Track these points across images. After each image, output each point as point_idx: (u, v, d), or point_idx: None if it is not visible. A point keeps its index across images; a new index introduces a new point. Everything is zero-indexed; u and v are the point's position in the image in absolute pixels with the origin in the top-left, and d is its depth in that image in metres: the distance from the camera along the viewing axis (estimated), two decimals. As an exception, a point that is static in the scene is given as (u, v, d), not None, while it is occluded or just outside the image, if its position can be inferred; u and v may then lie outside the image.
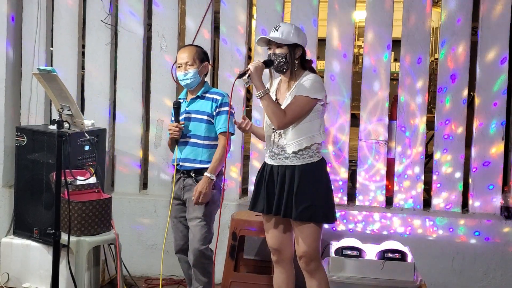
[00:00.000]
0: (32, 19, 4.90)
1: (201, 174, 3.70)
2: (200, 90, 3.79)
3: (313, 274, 3.34)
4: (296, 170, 3.25)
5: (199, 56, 3.75)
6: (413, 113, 4.54)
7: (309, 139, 3.26)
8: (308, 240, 3.28)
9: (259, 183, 3.40)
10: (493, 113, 4.44)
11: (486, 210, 4.48)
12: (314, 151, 3.29)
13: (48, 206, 4.22)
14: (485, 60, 4.43)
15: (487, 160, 4.46)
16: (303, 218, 3.24)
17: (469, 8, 4.43)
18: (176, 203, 3.83)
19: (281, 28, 3.27)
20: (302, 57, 3.33)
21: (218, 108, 3.72)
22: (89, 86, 4.92)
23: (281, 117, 3.18)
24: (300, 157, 3.26)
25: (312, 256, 3.31)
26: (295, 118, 3.22)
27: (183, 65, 3.73)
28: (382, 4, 4.53)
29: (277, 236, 3.43)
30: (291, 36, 3.25)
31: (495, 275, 4.39)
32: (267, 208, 3.35)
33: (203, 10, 4.70)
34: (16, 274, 4.39)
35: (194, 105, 3.78)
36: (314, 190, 3.24)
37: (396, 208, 4.59)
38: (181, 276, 4.64)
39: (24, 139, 4.39)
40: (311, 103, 3.23)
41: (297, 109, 3.21)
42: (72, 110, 3.22)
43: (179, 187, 3.80)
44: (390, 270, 3.87)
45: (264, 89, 3.19)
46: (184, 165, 3.76)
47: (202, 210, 3.68)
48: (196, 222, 3.69)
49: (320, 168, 3.31)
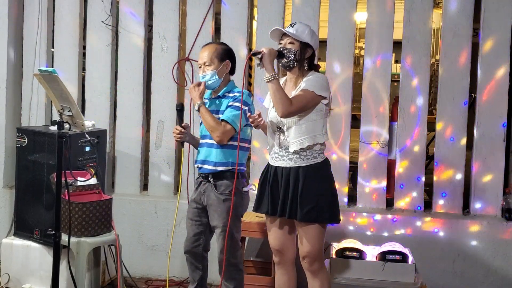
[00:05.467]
0: (33, 20, 4.91)
1: (219, 178, 3.60)
2: (222, 90, 3.67)
3: (316, 275, 3.34)
4: (301, 171, 3.25)
5: (219, 55, 3.61)
6: (414, 114, 4.54)
7: (311, 138, 3.26)
8: (312, 241, 3.28)
9: (263, 184, 3.39)
10: (494, 114, 4.43)
11: (487, 212, 4.48)
12: (317, 151, 3.29)
13: (48, 207, 4.22)
14: (486, 61, 4.43)
15: (488, 162, 4.45)
16: (308, 219, 3.24)
17: (470, 9, 4.43)
18: (194, 206, 3.73)
19: (296, 25, 3.30)
20: (311, 59, 3.33)
21: (231, 102, 3.59)
22: (89, 87, 4.93)
23: (287, 105, 3.15)
24: (304, 158, 3.26)
25: (315, 257, 3.31)
26: (300, 109, 3.20)
27: (202, 66, 3.63)
28: (383, 6, 4.53)
29: (280, 237, 3.43)
30: (305, 35, 3.27)
31: (496, 277, 4.38)
32: (271, 210, 3.34)
33: (204, 11, 4.70)
34: (17, 274, 4.39)
35: (213, 105, 3.68)
36: (319, 190, 3.24)
37: (396, 209, 4.59)
38: (182, 277, 4.64)
39: (25, 140, 4.39)
40: (316, 99, 3.23)
41: (304, 100, 3.20)
42: (72, 111, 3.22)
43: (200, 191, 3.71)
44: (390, 271, 3.86)
45: (274, 73, 3.19)
46: (203, 167, 3.67)
47: (221, 220, 3.59)
48: (217, 231, 3.63)
49: (324, 168, 3.31)
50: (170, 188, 4.83)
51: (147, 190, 4.93)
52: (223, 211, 3.58)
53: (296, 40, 3.27)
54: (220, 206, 3.59)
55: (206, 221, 3.72)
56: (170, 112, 4.76)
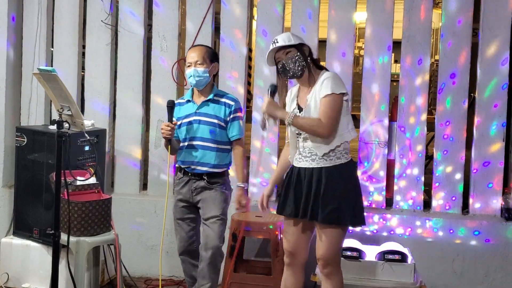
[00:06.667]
0: (33, 19, 4.90)
1: (213, 177, 3.72)
2: (211, 93, 3.75)
3: (329, 278, 3.29)
4: (324, 172, 3.20)
5: (210, 56, 3.72)
6: (413, 114, 4.54)
7: (339, 138, 3.21)
8: (329, 244, 3.22)
9: (288, 186, 3.34)
10: (493, 114, 4.43)
11: (486, 211, 4.48)
12: (341, 152, 3.23)
13: (48, 206, 4.22)
14: (486, 61, 4.43)
15: (487, 161, 4.45)
16: (330, 221, 3.18)
17: (469, 9, 4.43)
18: (181, 205, 3.83)
19: (278, 38, 3.26)
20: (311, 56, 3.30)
21: (233, 114, 3.71)
22: (89, 86, 4.92)
23: (320, 126, 3.12)
24: (327, 159, 3.21)
25: (329, 260, 3.25)
26: (333, 119, 3.14)
27: (193, 64, 3.69)
28: (382, 5, 4.53)
29: (295, 240, 3.38)
30: (293, 39, 3.25)
31: (496, 277, 4.39)
32: (295, 212, 3.29)
33: (203, 10, 4.70)
34: (16, 274, 4.38)
35: (206, 108, 3.74)
36: (342, 192, 3.19)
37: (396, 209, 4.58)
38: (181, 277, 4.64)
39: (24, 139, 4.39)
40: (339, 99, 3.16)
41: (328, 111, 3.13)
42: (72, 110, 3.21)
43: (188, 189, 3.78)
44: (390, 271, 3.86)
45: (288, 115, 3.18)
46: (197, 168, 3.74)
47: (220, 209, 3.74)
48: (214, 219, 3.72)
49: (348, 170, 3.25)
50: (169, 188, 4.82)
51: (147, 189, 4.93)
52: (221, 201, 3.75)
53: (289, 46, 3.23)
54: (217, 197, 3.76)
55: (195, 217, 3.84)
56: (170, 112, 4.75)
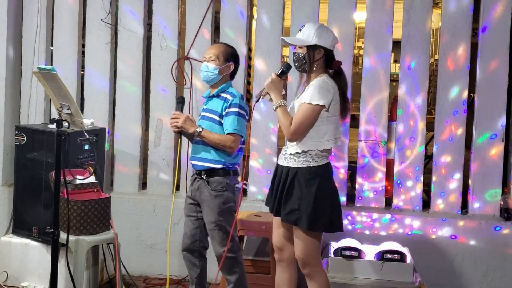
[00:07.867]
0: (32, 18, 4.90)
1: (212, 175, 3.66)
2: (218, 88, 3.73)
3: (311, 278, 3.31)
4: (290, 172, 3.26)
5: (225, 55, 3.70)
6: (413, 114, 4.54)
7: (312, 143, 3.22)
8: (301, 245, 3.26)
9: (272, 181, 3.43)
10: (493, 114, 4.43)
11: (485, 211, 4.48)
12: (313, 156, 3.23)
13: (47, 205, 4.22)
14: (485, 61, 4.43)
15: (486, 162, 4.45)
16: (288, 221, 3.24)
17: (469, 9, 4.43)
18: (189, 202, 3.81)
19: (304, 28, 3.27)
20: (326, 59, 3.27)
21: (228, 109, 3.65)
22: (88, 85, 4.92)
23: (286, 129, 3.18)
24: (296, 160, 3.25)
25: (305, 261, 3.27)
26: (301, 127, 3.16)
27: (206, 59, 3.71)
28: (382, 5, 4.53)
29: (281, 235, 3.43)
30: (312, 38, 3.22)
31: (495, 277, 4.39)
32: (272, 207, 3.38)
33: (203, 10, 4.70)
34: (15, 273, 4.38)
35: (210, 104, 3.74)
36: (303, 194, 3.19)
37: (395, 209, 4.59)
38: (181, 276, 4.64)
39: (24, 138, 4.39)
40: (315, 109, 3.16)
41: (299, 117, 3.17)
42: (71, 109, 3.22)
43: (194, 187, 3.77)
44: (389, 271, 3.87)
45: (277, 101, 3.20)
46: (196, 164, 3.73)
47: (214, 215, 3.65)
48: (211, 226, 3.67)
49: (317, 174, 3.21)
50: (169, 187, 4.82)
51: (146, 188, 4.93)
52: (215, 207, 3.64)
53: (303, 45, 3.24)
54: (213, 201, 3.65)
55: (201, 217, 3.76)
56: (169, 111, 4.74)
